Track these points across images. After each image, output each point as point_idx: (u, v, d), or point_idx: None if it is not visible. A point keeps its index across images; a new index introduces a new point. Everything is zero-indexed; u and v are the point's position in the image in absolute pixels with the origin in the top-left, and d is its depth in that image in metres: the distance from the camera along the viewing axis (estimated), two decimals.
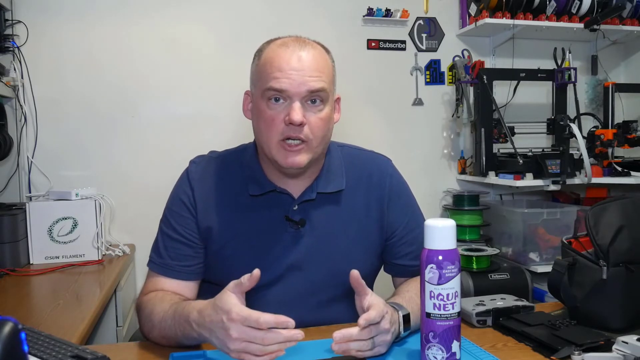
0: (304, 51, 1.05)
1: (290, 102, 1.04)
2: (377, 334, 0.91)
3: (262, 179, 1.14)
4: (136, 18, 2.35)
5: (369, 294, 0.94)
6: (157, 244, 1.15)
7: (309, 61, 1.04)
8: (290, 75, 1.02)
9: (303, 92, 1.03)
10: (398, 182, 1.23)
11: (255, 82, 1.09)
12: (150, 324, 1.03)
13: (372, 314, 0.89)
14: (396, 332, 0.97)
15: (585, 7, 2.60)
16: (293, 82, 1.02)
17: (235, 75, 1.85)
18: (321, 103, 1.06)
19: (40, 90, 2.23)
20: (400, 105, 2.71)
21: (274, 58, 1.05)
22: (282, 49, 1.06)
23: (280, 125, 1.04)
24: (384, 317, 0.91)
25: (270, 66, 1.05)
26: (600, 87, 2.75)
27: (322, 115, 1.06)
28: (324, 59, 1.09)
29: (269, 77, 1.04)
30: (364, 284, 0.94)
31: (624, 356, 0.89)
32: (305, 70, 1.03)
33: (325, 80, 1.06)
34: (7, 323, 0.57)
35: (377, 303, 0.93)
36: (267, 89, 1.04)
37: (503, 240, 2.56)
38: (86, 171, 2.30)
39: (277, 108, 1.05)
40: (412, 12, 2.67)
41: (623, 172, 2.45)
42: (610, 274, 1.06)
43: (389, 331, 0.93)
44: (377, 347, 0.92)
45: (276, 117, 1.04)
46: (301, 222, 1.12)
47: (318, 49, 1.09)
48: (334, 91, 1.13)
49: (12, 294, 1.55)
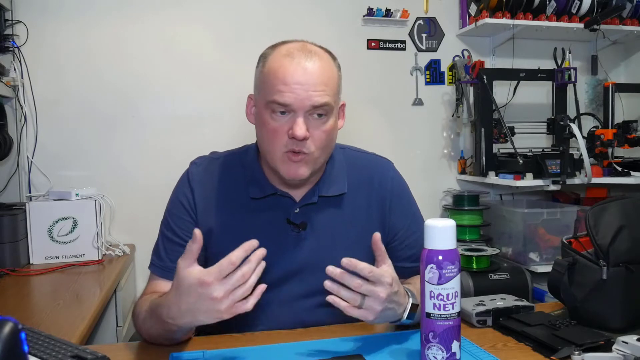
0: (309, 62, 1.03)
1: (295, 115, 1.02)
2: (367, 294, 0.92)
3: (264, 181, 1.13)
4: (136, 18, 2.35)
5: (386, 263, 0.96)
6: (158, 247, 1.15)
7: (314, 74, 1.02)
8: (294, 89, 1.01)
9: (307, 106, 1.02)
10: (399, 185, 1.23)
11: (259, 89, 1.08)
12: (139, 326, 1.04)
13: (371, 268, 0.91)
14: (396, 314, 0.98)
15: (585, 7, 2.60)
16: (297, 96, 1.01)
17: (235, 75, 1.85)
18: (325, 116, 1.05)
19: (40, 90, 2.23)
20: (400, 105, 2.71)
21: (279, 70, 1.03)
22: (287, 60, 1.03)
23: (284, 137, 1.03)
24: (382, 285, 0.92)
25: (275, 77, 1.03)
26: (600, 87, 2.75)
27: (326, 128, 1.06)
28: (330, 69, 1.07)
29: (274, 89, 1.02)
30: (382, 250, 0.97)
31: (624, 356, 0.89)
32: (310, 84, 1.01)
33: (330, 94, 1.04)
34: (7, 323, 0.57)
35: (387, 272, 0.94)
36: (271, 102, 1.03)
37: (503, 240, 2.56)
38: (86, 171, 2.30)
39: (280, 120, 1.04)
40: (412, 12, 2.67)
41: (623, 172, 2.45)
42: (610, 274, 1.06)
43: (382, 301, 0.92)
44: (365, 310, 0.92)
45: (280, 129, 1.03)
46: (302, 225, 1.12)
47: (324, 58, 1.07)
48: (339, 99, 1.12)
49: (12, 294, 1.55)
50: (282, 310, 1.12)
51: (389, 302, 0.94)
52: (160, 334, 0.99)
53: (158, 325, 0.96)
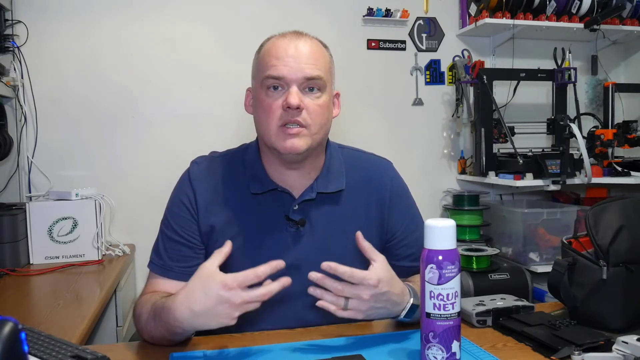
0: (300, 41, 1.08)
1: (288, 88, 1.06)
2: (351, 296, 0.93)
3: (264, 177, 1.14)
4: (136, 18, 2.35)
5: (377, 260, 0.97)
6: (158, 245, 1.15)
7: (306, 50, 1.07)
8: (287, 62, 1.05)
9: (300, 78, 1.05)
10: (399, 185, 1.23)
11: (255, 74, 1.13)
12: (140, 326, 1.04)
13: (351, 272, 0.93)
14: (390, 312, 1.00)
15: (585, 7, 2.60)
16: (290, 68, 1.05)
17: (235, 75, 1.85)
18: (319, 91, 1.08)
19: (40, 90, 2.23)
20: (400, 105, 2.71)
21: (272, 48, 1.08)
22: (280, 39, 1.09)
23: (279, 111, 1.06)
24: (366, 287, 0.93)
25: (269, 55, 1.08)
26: (600, 87, 2.75)
27: (320, 102, 1.08)
28: (321, 50, 1.11)
29: (267, 65, 1.07)
30: (368, 246, 0.98)
31: (624, 356, 0.89)
32: (302, 57, 1.06)
33: (322, 69, 1.08)
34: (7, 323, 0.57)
35: (372, 273, 0.95)
36: (265, 77, 1.07)
37: (503, 240, 2.56)
38: (86, 171, 2.31)
39: (275, 95, 1.07)
40: (412, 12, 2.67)
41: (623, 172, 2.45)
42: (610, 274, 1.06)
43: (366, 302, 0.94)
44: (351, 311, 0.95)
45: (274, 104, 1.06)
46: (301, 222, 1.13)
47: (315, 41, 1.12)
48: (333, 84, 1.15)
49: (12, 294, 1.55)
50: (281, 307, 1.12)
51: (375, 301, 0.95)
52: (163, 336, 0.99)
53: (162, 327, 0.96)
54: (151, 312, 0.99)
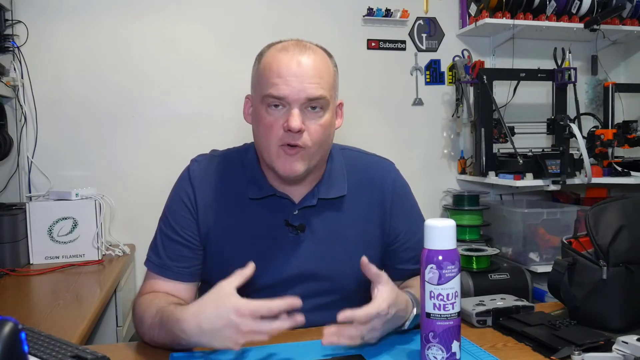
0: (303, 56, 1.03)
1: (290, 108, 1.02)
2: (367, 333, 0.92)
3: (263, 182, 1.12)
4: (136, 18, 2.35)
5: (382, 282, 0.94)
6: (156, 243, 1.14)
7: (309, 67, 1.02)
8: (289, 82, 1.01)
9: (302, 99, 1.01)
10: (401, 186, 1.22)
11: (255, 86, 1.08)
12: (142, 330, 1.03)
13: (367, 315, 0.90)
14: (396, 325, 0.99)
15: (585, 7, 2.60)
16: (292, 89, 1.01)
17: (235, 75, 1.85)
18: (321, 110, 1.04)
19: (40, 90, 2.23)
20: (400, 105, 2.71)
21: (273, 63, 1.03)
22: (282, 53, 1.04)
23: (279, 131, 1.03)
24: (379, 317, 0.91)
25: (270, 71, 1.03)
26: (600, 87, 2.75)
27: (322, 122, 1.05)
28: (325, 64, 1.07)
29: (268, 82, 1.02)
30: (374, 271, 0.94)
31: (624, 356, 0.89)
32: (305, 76, 1.01)
33: (325, 87, 1.04)
34: (7, 323, 0.57)
35: (382, 302, 0.92)
36: (266, 96, 1.03)
37: (503, 240, 2.56)
38: (86, 171, 2.31)
39: (276, 114, 1.03)
40: (412, 12, 2.67)
41: (623, 172, 2.45)
42: (610, 274, 1.06)
43: (380, 329, 0.94)
44: (367, 339, 0.94)
45: (275, 123, 1.03)
46: (300, 227, 1.11)
47: (319, 53, 1.07)
48: (336, 96, 1.11)
49: (12, 294, 1.55)
50: None
51: (385, 324, 0.94)
52: (165, 344, 0.98)
53: (167, 335, 0.95)
54: (157, 317, 0.98)
